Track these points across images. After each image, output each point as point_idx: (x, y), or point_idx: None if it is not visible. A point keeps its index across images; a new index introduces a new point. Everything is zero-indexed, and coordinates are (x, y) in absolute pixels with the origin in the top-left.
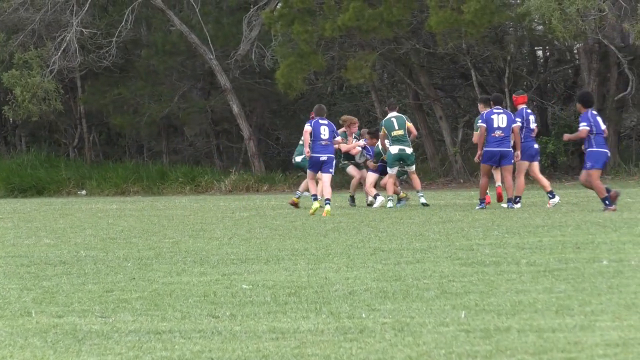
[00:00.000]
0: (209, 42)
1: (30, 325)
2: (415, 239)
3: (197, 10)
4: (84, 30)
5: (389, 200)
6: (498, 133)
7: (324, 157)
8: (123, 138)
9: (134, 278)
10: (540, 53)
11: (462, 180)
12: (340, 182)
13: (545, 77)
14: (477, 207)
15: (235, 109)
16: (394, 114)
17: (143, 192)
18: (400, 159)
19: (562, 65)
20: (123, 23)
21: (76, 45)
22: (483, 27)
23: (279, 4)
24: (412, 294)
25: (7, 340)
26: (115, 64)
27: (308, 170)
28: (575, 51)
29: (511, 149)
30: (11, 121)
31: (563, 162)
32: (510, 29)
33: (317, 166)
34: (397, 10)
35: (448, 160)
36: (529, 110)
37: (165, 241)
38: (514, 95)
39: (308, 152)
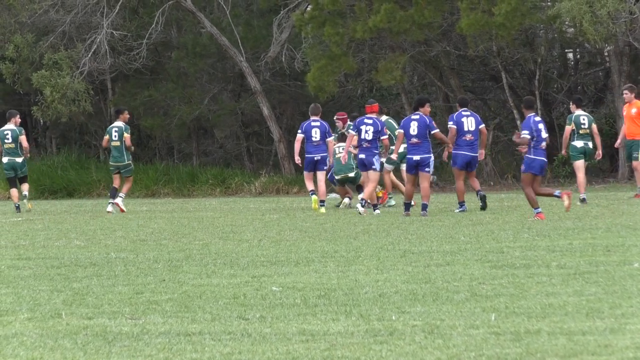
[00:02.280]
0: (239, 44)
1: (60, 327)
2: (445, 242)
3: (227, 13)
4: (114, 32)
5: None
6: (468, 137)
7: (317, 157)
8: (153, 140)
9: (164, 280)
10: (570, 55)
11: (492, 183)
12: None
13: (576, 79)
14: (456, 210)
15: (266, 111)
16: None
17: (173, 194)
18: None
19: (592, 67)
20: (153, 25)
21: (106, 47)
22: (514, 29)
23: (310, 6)
24: (442, 297)
25: (38, 342)
26: (145, 66)
27: (304, 171)
28: (606, 54)
29: (477, 153)
30: (41, 123)
31: (593, 164)
32: (541, 31)
33: (312, 165)
34: (428, 12)
35: (478, 162)
36: (368, 121)
37: (195, 243)
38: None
39: (298, 159)
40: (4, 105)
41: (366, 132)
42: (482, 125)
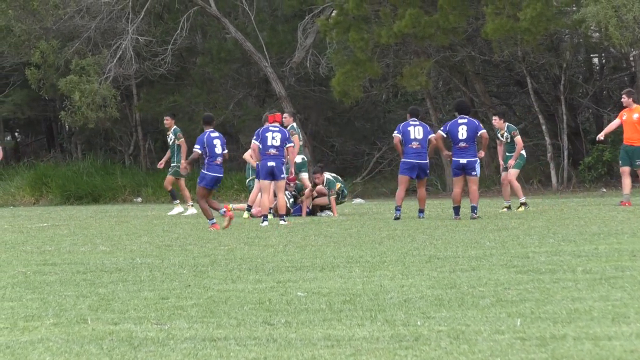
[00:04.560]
0: (264, 49)
1: (86, 333)
2: (471, 247)
3: (252, 18)
4: (139, 37)
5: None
6: (415, 144)
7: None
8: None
9: (189, 285)
10: (596, 60)
11: None
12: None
13: (601, 84)
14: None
15: None
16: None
17: None
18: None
19: (618, 72)
20: (178, 31)
21: (132, 53)
22: (539, 34)
23: (334, 12)
24: (468, 302)
25: (63, 347)
26: (170, 71)
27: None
28: (632, 58)
29: (427, 161)
30: (67, 128)
31: (619, 169)
32: (566, 36)
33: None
34: (453, 17)
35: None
36: (274, 129)
37: (220, 248)
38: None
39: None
40: (30, 111)
41: (273, 138)
42: (432, 135)
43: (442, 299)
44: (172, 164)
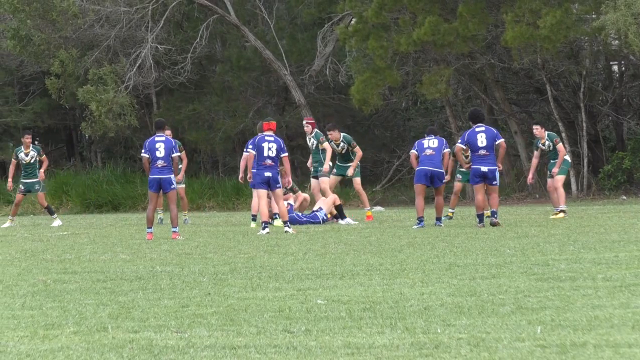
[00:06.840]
0: (284, 57)
1: (106, 341)
2: (491, 254)
3: (271, 26)
4: (159, 46)
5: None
6: (428, 152)
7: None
8: (198, 154)
9: (209, 293)
10: (615, 68)
11: (537, 196)
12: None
13: (621, 91)
14: (414, 226)
15: None
16: None
17: (218, 207)
18: None
19: (637, 79)
20: (198, 39)
21: (151, 61)
22: (559, 42)
23: (354, 20)
24: (488, 309)
25: (84, 356)
26: (190, 79)
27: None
28: None
29: (442, 170)
30: (87, 137)
31: (639, 177)
32: (586, 43)
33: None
34: (472, 25)
35: (523, 175)
36: (270, 138)
37: (240, 256)
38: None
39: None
40: (49, 120)
41: (269, 149)
42: (446, 150)
43: (462, 306)
44: (30, 180)
